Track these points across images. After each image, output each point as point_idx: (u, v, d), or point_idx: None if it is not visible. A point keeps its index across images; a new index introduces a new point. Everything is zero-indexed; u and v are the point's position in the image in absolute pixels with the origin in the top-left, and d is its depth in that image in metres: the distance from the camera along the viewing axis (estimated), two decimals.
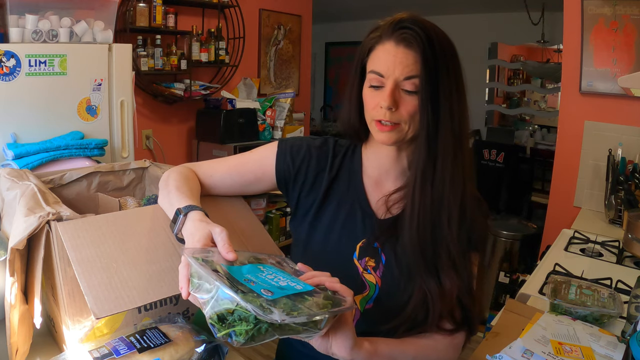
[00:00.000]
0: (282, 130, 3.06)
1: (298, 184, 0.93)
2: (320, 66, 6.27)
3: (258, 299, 0.57)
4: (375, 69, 0.81)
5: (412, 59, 0.78)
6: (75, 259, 0.72)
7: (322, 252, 0.90)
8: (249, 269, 0.67)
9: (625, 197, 1.93)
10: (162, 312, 0.90)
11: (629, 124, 2.10)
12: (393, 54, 0.79)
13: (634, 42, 2.04)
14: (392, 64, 0.79)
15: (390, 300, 0.85)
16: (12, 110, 1.48)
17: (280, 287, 0.62)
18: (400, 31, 0.79)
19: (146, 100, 2.67)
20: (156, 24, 2.49)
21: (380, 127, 0.82)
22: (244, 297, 0.56)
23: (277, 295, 0.59)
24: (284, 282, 0.64)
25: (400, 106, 0.80)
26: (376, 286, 0.86)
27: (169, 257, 0.81)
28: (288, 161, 0.92)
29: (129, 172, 1.24)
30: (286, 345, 1.00)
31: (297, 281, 0.65)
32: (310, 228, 0.92)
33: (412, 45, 0.78)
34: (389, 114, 0.80)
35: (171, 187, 0.87)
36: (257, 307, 0.55)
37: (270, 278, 0.65)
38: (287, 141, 0.95)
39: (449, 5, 4.45)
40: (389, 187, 0.91)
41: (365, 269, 0.87)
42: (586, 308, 1.12)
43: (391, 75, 0.79)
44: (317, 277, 0.69)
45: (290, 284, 0.64)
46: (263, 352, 2.63)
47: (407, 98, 0.80)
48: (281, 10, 3.44)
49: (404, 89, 0.80)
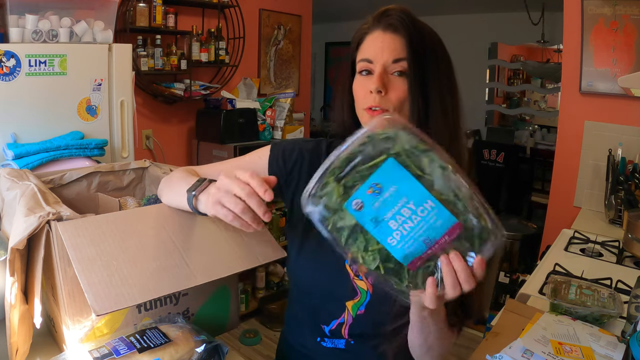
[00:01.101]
0: (282, 130, 3.06)
1: (291, 187, 0.92)
2: (320, 66, 6.27)
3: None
4: (364, 56, 0.82)
5: (399, 43, 0.79)
6: (75, 258, 0.72)
7: (315, 257, 0.89)
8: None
9: (625, 197, 1.93)
10: (162, 312, 0.90)
11: (629, 124, 2.10)
12: (381, 40, 0.80)
13: (634, 42, 2.04)
14: (380, 49, 0.80)
15: (382, 307, 0.84)
16: (12, 110, 1.48)
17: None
18: (386, 18, 0.81)
19: (146, 100, 2.67)
20: (156, 24, 2.49)
21: (371, 113, 0.81)
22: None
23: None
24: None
25: (390, 90, 0.80)
26: (367, 292, 0.86)
27: (169, 255, 0.81)
28: (280, 164, 0.92)
29: (129, 172, 1.24)
30: (286, 346, 1.00)
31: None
32: (303, 232, 0.91)
33: (399, 30, 0.79)
34: (378, 98, 0.79)
35: (178, 179, 0.87)
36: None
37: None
38: (280, 144, 0.95)
39: (449, 5, 4.45)
40: None
41: (356, 274, 0.86)
42: (586, 308, 1.12)
43: (380, 59, 0.80)
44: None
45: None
46: (263, 352, 2.63)
47: (397, 82, 0.80)
48: (281, 10, 3.44)
49: (393, 72, 0.80)
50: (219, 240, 0.87)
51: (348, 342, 0.89)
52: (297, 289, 0.97)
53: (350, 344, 0.89)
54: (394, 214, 0.57)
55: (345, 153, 0.59)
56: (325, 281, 0.89)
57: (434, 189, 0.57)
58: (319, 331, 0.90)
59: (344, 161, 0.59)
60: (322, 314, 0.90)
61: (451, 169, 0.57)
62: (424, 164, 0.58)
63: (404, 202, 0.57)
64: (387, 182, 0.57)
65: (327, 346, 0.90)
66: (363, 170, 0.58)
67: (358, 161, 0.58)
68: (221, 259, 0.84)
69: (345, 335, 0.88)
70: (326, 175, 0.60)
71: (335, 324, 0.88)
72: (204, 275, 0.81)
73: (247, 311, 2.94)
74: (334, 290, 0.87)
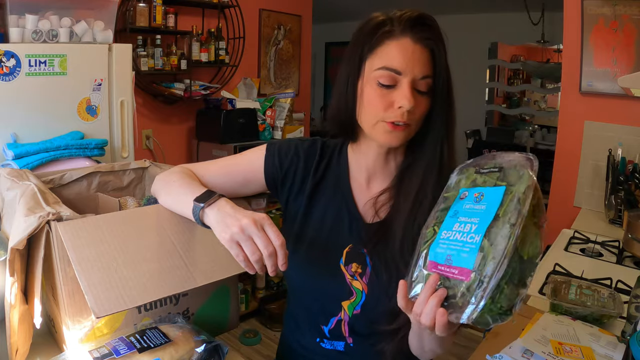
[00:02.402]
0: (282, 130, 3.06)
1: (286, 186, 0.92)
2: (320, 66, 6.27)
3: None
4: (390, 65, 0.76)
5: (426, 58, 0.76)
6: (75, 259, 0.72)
7: (309, 256, 0.89)
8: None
9: (625, 197, 1.93)
10: (162, 312, 0.90)
11: (629, 124, 2.10)
12: (411, 51, 0.75)
13: (634, 42, 2.04)
14: (411, 61, 0.75)
15: (378, 307, 0.84)
16: (12, 110, 1.47)
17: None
18: (419, 27, 0.75)
19: (146, 100, 2.67)
20: (156, 24, 2.48)
21: (393, 128, 0.78)
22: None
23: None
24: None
25: (415, 107, 0.77)
26: (363, 293, 0.85)
27: (169, 256, 0.81)
28: (276, 164, 0.91)
29: (129, 172, 1.24)
30: (286, 347, 1.00)
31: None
32: (298, 232, 0.91)
33: (429, 44, 0.75)
34: (407, 116, 0.76)
35: (179, 183, 0.86)
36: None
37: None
38: (275, 144, 0.94)
39: (449, 5, 4.45)
40: (376, 188, 0.89)
41: (351, 275, 0.86)
42: (586, 308, 1.12)
43: (409, 72, 0.75)
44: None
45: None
46: (263, 352, 2.63)
47: (420, 98, 0.77)
48: (281, 10, 3.44)
49: (418, 89, 0.77)
50: (218, 242, 0.87)
51: (347, 344, 0.89)
52: (293, 290, 0.97)
53: (350, 346, 0.88)
54: (463, 222, 0.65)
55: (494, 160, 0.69)
56: (320, 282, 0.88)
57: (489, 235, 0.61)
58: (319, 332, 0.90)
59: (491, 164, 0.69)
60: (319, 314, 0.90)
61: (512, 242, 0.59)
62: (509, 212, 0.61)
63: (474, 221, 0.64)
64: (487, 199, 0.65)
65: (326, 347, 0.90)
66: (490, 179, 0.67)
67: (495, 171, 0.68)
68: (221, 260, 0.84)
69: (346, 334, 0.88)
70: (472, 166, 0.72)
71: (334, 322, 0.88)
72: (203, 277, 0.81)
73: (247, 311, 2.94)
74: (329, 291, 0.87)
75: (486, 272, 0.58)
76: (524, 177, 0.63)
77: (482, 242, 0.60)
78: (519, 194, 0.61)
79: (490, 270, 0.58)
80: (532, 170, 0.63)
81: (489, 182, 0.67)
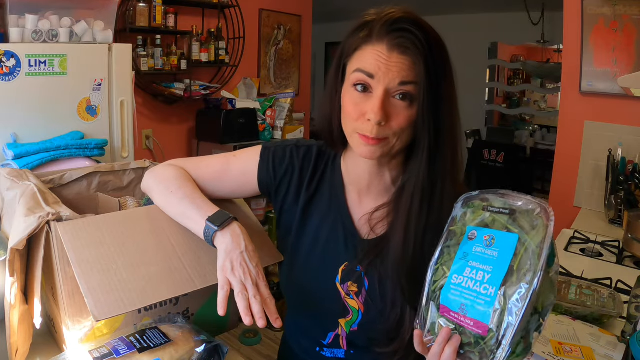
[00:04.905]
0: (282, 130, 3.06)
1: (280, 196, 0.89)
2: (320, 66, 6.28)
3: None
4: (363, 67, 0.71)
5: (408, 64, 0.69)
6: (75, 261, 0.72)
7: (305, 274, 0.87)
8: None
9: (625, 197, 1.93)
10: (162, 312, 0.90)
11: (629, 124, 2.10)
12: (386, 57, 0.69)
13: (634, 42, 2.04)
14: (385, 67, 0.69)
15: (375, 325, 0.82)
16: (12, 110, 1.47)
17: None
18: (395, 34, 0.69)
19: (146, 100, 2.67)
20: (156, 24, 2.48)
21: (365, 140, 0.72)
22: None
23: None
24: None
25: (392, 118, 0.70)
26: (359, 312, 0.83)
27: (168, 258, 0.81)
28: (270, 172, 0.88)
29: (129, 172, 1.24)
30: (288, 350, 0.99)
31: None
32: (293, 247, 0.88)
33: (409, 51, 0.68)
34: (376, 130, 0.70)
35: (183, 190, 0.84)
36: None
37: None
38: (269, 149, 0.89)
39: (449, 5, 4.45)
40: (371, 204, 0.84)
41: (347, 293, 0.83)
42: (586, 308, 1.12)
43: (382, 78, 0.69)
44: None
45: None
46: (263, 352, 2.63)
47: (399, 108, 0.70)
48: (281, 10, 3.44)
49: (397, 95, 0.70)
50: None
51: (348, 352, 0.87)
52: (291, 305, 0.95)
53: (350, 353, 0.87)
54: (475, 267, 0.62)
55: (504, 199, 0.66)
56: (315, 300, 0.86)
57: (505, 290, 0.59)
58: (318, 343, 0.89)
59: (500, 202, 0.66)
60: (317, 328, 0.88)
61: (529, 303, 0.58)
62: (524, 266, 0.60)
63: (487, 269, 0.61)
64: (498, 245, 0.62)
65: (327, 355, 0.89)
66: (500, 221, 0.64)
67: (505, 213, 0.64)
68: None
69: (344, 347, 0.87)
70: (479, 199, 0.68)
71: (332, 337, 0.87)
72: (202, 280, 0.81)
73: None
74: (325, 309, 0.85)
75: (503, 329, 0.58)
76: (538, 228, 0.61)
77: (498, 297, 0.59)
78: (532, 247, 0.60)
79: (508, 331, 0.57)
80: (548, 220, 0.61)
81: (498, 223, 0.64)
